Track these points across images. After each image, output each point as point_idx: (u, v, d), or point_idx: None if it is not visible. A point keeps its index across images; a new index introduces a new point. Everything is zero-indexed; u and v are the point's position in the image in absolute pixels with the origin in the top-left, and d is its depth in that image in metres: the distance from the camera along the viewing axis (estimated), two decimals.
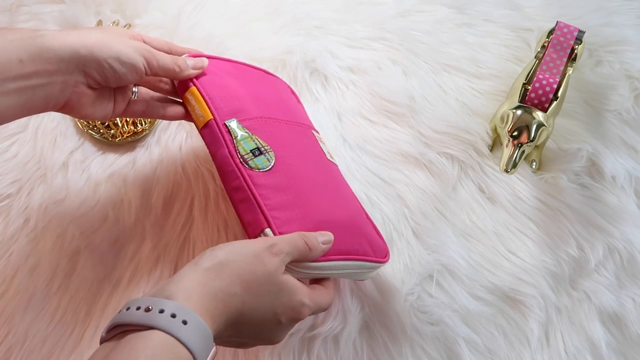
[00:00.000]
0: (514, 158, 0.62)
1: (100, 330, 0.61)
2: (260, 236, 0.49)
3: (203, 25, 0.78)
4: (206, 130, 0.54)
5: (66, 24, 0.76)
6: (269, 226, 0.49)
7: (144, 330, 0.36)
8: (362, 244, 0.55)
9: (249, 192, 0.50)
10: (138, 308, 0.38)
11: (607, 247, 0.67)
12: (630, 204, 0.69)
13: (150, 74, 0.52)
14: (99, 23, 0.76)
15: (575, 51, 0.69)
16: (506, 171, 0.62)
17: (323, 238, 0.49)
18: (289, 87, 0.69)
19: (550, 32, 0.71)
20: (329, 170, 0.60)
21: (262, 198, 0.50)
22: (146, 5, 0.79)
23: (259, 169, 0.52)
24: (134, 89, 0.56)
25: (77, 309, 0.61)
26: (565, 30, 0.69)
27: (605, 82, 0.75)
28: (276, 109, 0.60)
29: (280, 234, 0.49)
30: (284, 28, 0.80)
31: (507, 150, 0.63)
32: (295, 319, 0.47)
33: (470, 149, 0.71)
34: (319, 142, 0.62)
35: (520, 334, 0.63)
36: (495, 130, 0.72)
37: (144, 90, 0.58)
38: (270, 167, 0.52)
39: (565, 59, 0.67)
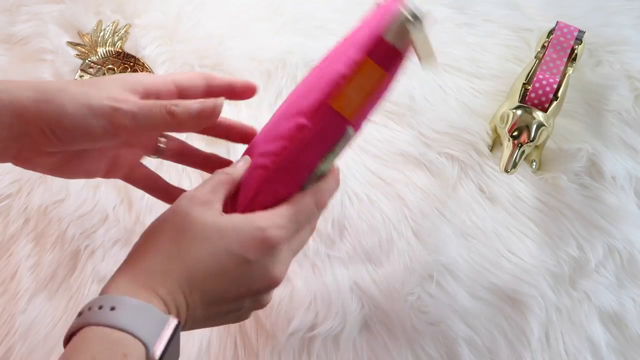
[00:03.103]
0: (514, 158, 0.62)
1: None
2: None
3: (203, 25, 0.78)
4: (327, 113, 0.40)
5: (66, 24, 0.76)
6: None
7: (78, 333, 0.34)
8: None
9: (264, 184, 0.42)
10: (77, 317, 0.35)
11: (607, 247, 0.67)
12: (630, 204, 0.69)
13: (132, 133, 0.38)
14: (99, 23, 0.76)
15: (575, 51, 0.69)
16: (506, 171, 0.62)
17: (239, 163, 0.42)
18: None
19: (550, 32, 0.71)
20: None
21: None
22: (146, 5, 0.79)
23: (320, 172, 0.42)
24: (160, 139, 0.44)
25: (77, 310, 0.61)
26: (565, 30, 0.69)
27: (605, 82, 0.75)
28: None
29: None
30: (284, 28, 0.80)
31: (507, 150, 0.63)
32: (270, 247, 0.38)
33: (470, 149, 0.71)
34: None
35: (520, 334, 0.63)
36: (495, 130, 0.72)
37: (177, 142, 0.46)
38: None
39: (565, 59, 0.67)
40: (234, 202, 0.42)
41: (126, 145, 0.44)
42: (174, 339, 0.35)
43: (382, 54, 0.39)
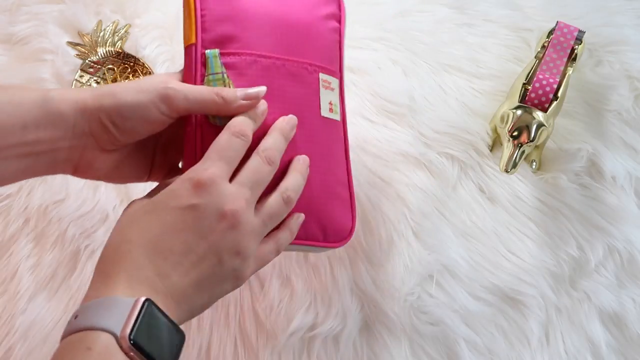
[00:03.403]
0: (514, 158, 0.62)
1: None
2: None
3: None
4: (186, 53, 0.47)
5: (66, 24, 0.76)
6: None
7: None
8: (310, 228, 0.49)
9: (195, 143, 0.44)
10: None
11: (607, 247, 0.67)
12: (630, 204, 0.69)
13: (182, 114, 0.42)
14: (99, 23, 0.76)
15: (575, 51, 0.69)
16: (506, 171, 0.62)
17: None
18: None
19: (550, 32, 0.71)
20: (311, 135, 0.49)
21: None
22: (146, 5, 0.79)
23: (216, 123, 0.44)
24: None
25: None
26: (565, 30, 0.69)
27: (605, 82, 0.75)
28: (283, 37, 0.49)
29: None
30: None
31: (507, 150, 0.63)
32: (206, 186, 0.38)
33: (470, 149, 0.71)
34: (322, 89, 0.51)
35: (520, 334, 0.63)
36: (495, 130, 0.72)
37: None
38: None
39: (565, 59, 0.67)
40: None
41: (165, 147, 0.47)
42: (152, 317, 0.35)
43: None
